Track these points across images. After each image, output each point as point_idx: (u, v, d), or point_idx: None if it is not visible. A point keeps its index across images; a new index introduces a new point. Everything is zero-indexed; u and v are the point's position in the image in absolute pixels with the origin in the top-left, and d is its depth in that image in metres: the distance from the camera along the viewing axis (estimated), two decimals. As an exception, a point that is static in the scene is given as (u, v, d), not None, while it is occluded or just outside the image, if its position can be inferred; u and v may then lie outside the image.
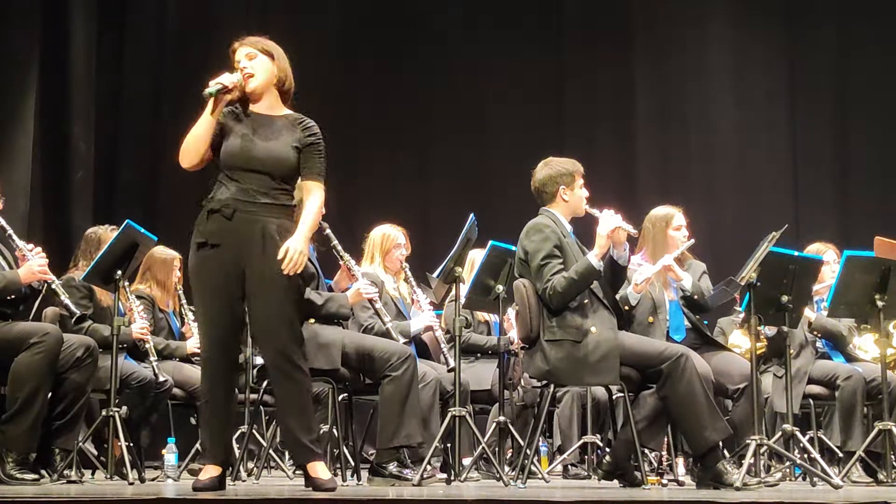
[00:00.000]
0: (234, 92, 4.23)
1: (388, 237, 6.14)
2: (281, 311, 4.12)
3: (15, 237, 5.08)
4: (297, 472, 6.32)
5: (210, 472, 4.11)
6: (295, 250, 4.08)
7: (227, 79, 4.21)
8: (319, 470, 4.12)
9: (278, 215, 4.18)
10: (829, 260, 6.20)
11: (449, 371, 5.74)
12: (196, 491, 4.00)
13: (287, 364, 4.12)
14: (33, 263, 5.01)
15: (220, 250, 4.12)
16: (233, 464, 4.84)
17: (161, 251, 6.25)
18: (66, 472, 4.91)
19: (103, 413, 5.13)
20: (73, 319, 5.08)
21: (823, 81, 9.62)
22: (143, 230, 5.35)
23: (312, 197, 4.25)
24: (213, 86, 4.18)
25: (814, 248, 6.32)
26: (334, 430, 5.44)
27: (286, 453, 7.23)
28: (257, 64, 4.30)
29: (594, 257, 4.83)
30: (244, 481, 5.52)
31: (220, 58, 10.23)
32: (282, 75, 4.33)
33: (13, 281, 4.97)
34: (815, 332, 6.20)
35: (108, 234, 5.68)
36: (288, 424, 4.20)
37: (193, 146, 4.19)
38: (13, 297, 5.00)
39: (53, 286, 5.10)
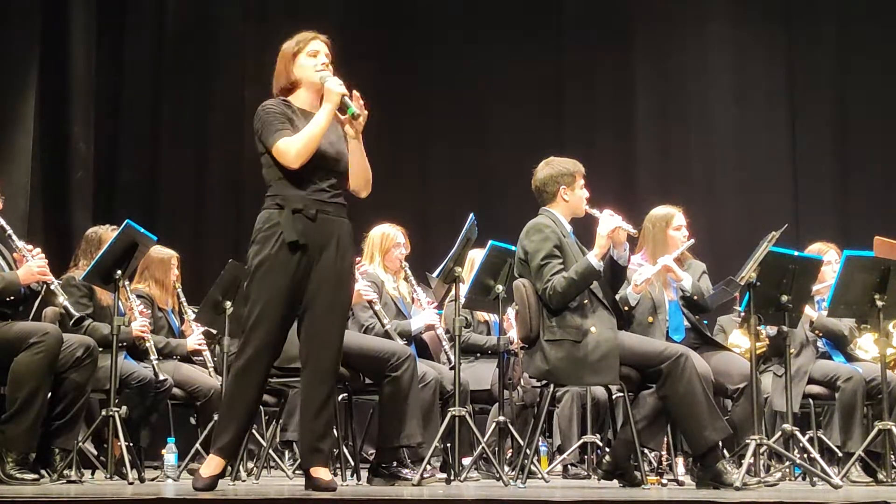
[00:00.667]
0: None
1: (388, 237, 6.14)
2: (336, 318, 4.15)
3: (14, 238, 5.08)
4: (296, 471, 6.33)
5: (214, 468, 4.10)
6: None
7: (344, 89, 4.19)
8: (321, 471, 4.12)
9: (346, 216, 4.23)
10: (831, 260, 6.19)
11: (450, 370, 5.74)
12: (197, 490, 4.00)
13: (328, 373, 4.15)
14: (32, 265, 5.00)
15: (301, 251, 4.11)
16: (233, 463, 4.82)
17: (158, 250, 6.24)
18: (65, 471, 4.90)
19: (103, 413, 5.13)
20: (72, 322, 5.07)
21: (823, 81, 9.61)
22: (142, 230, 5.35)
23: None
24: (353, 106, 4.19)
25: (815, 248, 6.31)
26: (334, 430, 5.43)
27: (286, 453, 7.25)
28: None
29: (594, 258, 4.83)
30: (244, 481, 5.52)
31: (220, 57, 10.29)
32: None
33: (12, 282, 4.97)
34: (817, 332, 6.20)
35: (108, 233, 5.68)
36: (307, 426, 4.19)
37: (314, 146, 4.13)
38: (12, 298, 5.00)
39: (52, 287, 5.09)
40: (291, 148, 4.11)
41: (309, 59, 4.28)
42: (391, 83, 9.56)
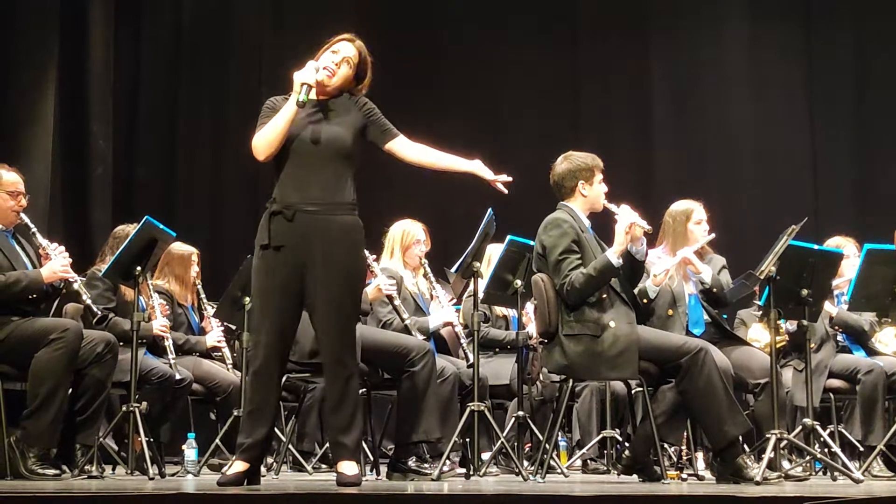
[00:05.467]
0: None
1: (408, 233, 6.13)
2: (334, 314, 4.12)
3: (39, 235, 5.12)
4: (315, 467, 6.35)
5: (237, 467, 4.11)
6: None
7: (311, 76, 4.14)
8: (345, 466, 4.10)
9: (345, 212, 4.17)
10: (850, 254, 6.16)
11: (468, 367, 5.74)
12: (220, 486, 4.01)
13: (338, 367, 4.12)
14: (55, 263, 5.03)
15: (282, 253, 4.11)
16: (258, 466, 4.72)
17: (178, 247, 6.25)
18: (86, 467, 4.93)
19: (123, 409, 5.16)
20: (95, 321, 5.07)
21: (842, 75, 9.55)
22: (161, 226, 5.37)
23: (413, 144, 4.39)
24: (303, 93, 4.11)
25: (833, 242, 6.28)
26: (359, 423, 5.44)
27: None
28: (343, 70, 4.26)
29: (613, 254, 4.81)
30: (264, 476, 5.52)
31: (236, 53, 10.27)
32: (365, 85, 4.36)
33: (35, 280, 4.99)
34: (837, 328, 6.17)
35: (133, 231, 5.70)
36: (330, 422, 4.22)
37: (276, 139, 4.14)
38: (34, 296, 5.02)
39: (76, 286, 5.12)
40: (255, 143, 4.17)
41: (329, 55, 4.27)
42: (407, 80, 9.56)
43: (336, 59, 4.25)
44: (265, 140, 4.15)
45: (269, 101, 4.29)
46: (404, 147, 4.36)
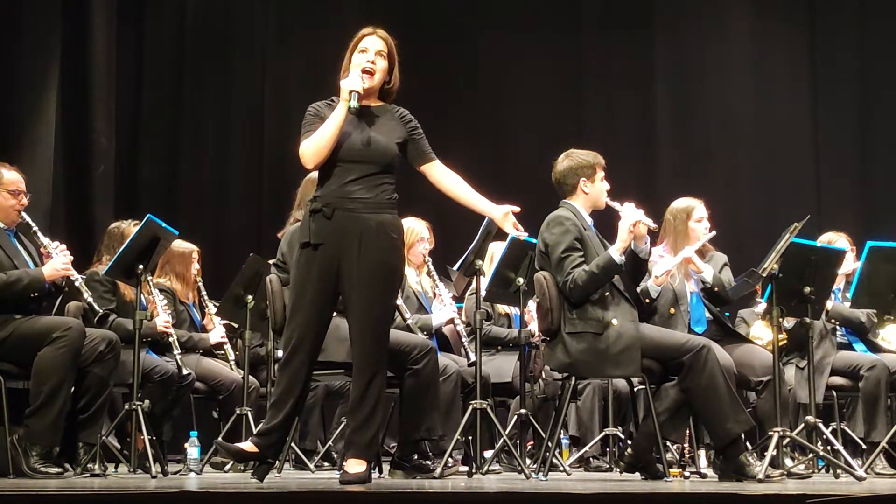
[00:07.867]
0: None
1: (413, 231, 6.13)
2: (365, 315, 4.16)
3: (40, 234, 5.13)
4: (317, 465, 6.35)
5: (244, 445, 4.22)
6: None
7: (357, 83, 4.21)
8: (351, 464, 4.12)
9: (384, 210, 4.22)
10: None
11: (470, 366, 5.74)
12: (220, 448, 4.11)
13: (362, 368, 4.16)
14: (57, 262, 5.05)
15: (320, 251, 4.15)
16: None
17: (178, 244, 6.25)
18: (89, 465, 4.94)
19: (126, 407, 5.16)
20: (96, 319, 5.08)
21: (845, 72, 9.54)
22: (164, 224, 5.38)
23: (448, 172, 4.48)
24: (353, 99, 4.17)
25: (826, 238, 6.27)
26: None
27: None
28: (380, 64, 4.32)
29: (616, 252, 4.81)
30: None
31: (240, 52, 10.25)
32: (395, 82, 4.41)
33: (36, 279, 5.00)
34: (833, 320, 6.16)
35: (130, 228, 5.71)
36: (349, 419, 4.26)
37: (326, 147, 4.17)
38: (36, 294, 5.03)
39: (77, 284, 5.13)
40: (304, 151, 4.20)
41: (358, 55, 4.32)
42: (409, 76, 9.55)
43: (370, 57, 4.30)
44: (315, 148, 4.18)
45: (312, 107, 4.32)
46: (439, 173, 4.47)
